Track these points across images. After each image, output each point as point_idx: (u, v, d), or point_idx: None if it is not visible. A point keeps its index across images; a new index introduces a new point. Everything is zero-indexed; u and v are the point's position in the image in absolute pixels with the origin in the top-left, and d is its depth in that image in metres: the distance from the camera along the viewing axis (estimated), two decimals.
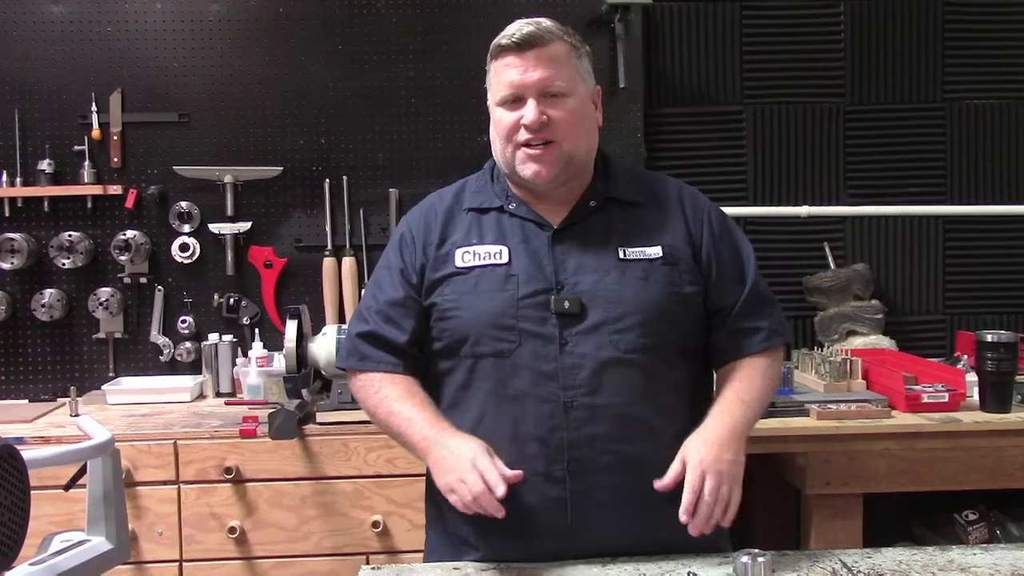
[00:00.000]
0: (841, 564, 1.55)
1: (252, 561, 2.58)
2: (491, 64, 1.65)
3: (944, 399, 2.55)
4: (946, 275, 3.35)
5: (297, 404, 2.63)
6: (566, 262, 1.62)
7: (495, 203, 1.70)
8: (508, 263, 1.63)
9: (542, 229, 1.65)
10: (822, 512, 2.50)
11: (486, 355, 1.61)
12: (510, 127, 1.62)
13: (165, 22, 3.14)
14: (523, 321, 1.59)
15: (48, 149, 3.11)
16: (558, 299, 1.59)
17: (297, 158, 3.18)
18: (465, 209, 1.71)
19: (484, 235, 1.67)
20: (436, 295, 1.65)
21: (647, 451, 1.58)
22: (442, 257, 1.67)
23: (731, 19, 3.28)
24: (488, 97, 1.69)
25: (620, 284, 1.60)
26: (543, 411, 1.58)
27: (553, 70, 1.60)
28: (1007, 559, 1.56)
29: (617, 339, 1.58)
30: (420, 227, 1.72)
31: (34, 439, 2.53)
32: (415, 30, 3.19)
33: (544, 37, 1.60)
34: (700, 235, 1.68)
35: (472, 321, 1.61)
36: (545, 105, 1.59)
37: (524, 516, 1.58)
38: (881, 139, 3.32)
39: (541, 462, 1.58)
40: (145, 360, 3.17)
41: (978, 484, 2.57)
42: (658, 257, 1.63)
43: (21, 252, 3.06)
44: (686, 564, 1.54)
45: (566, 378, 1.57)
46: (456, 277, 1.64)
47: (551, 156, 1.61)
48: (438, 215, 1.72)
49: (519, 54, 1.60)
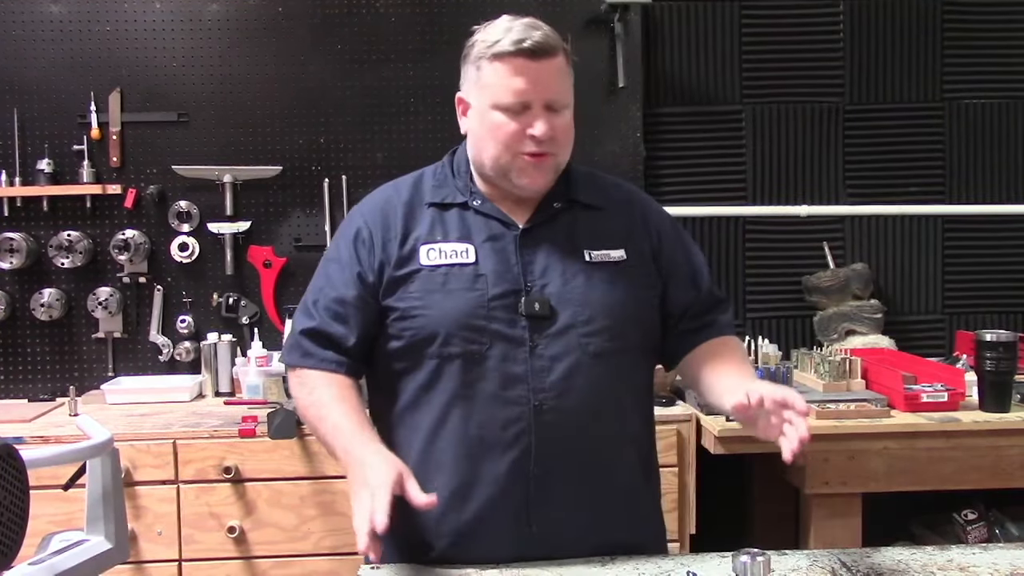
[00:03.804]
0: (840, 564, 1.55)
1: (251, 561, 2.58)
2: (486, 63, 1.59)
3: (943, 399, 2.55)
4: (945, 275, 3.35)
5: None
6: (533, 263, 1.60)
7: (458, 199, 1.65)
8: (475, 262, 1.59)
9: (508, 228, 1.62)
10: (821, 511, 2.50)
11: (455, 356, 1.56)
12: (512, 135, 1.57)
13: (164, 22, 3.14)
14: (493, 322, 1.56)
15: (47, 149, 3.11)
16: (528, 300, 1.57)
17: (296, 157, 3.18)
18: (426, 203, 1.65)
19: (448, 232, 1.62)
20: (399, 293, 1.60)
21: (609, 454, 1.60)
22: (405, 254, 1.61)
23: (730, 19, 3.28)
24: (472, 93, 1.63)
25: (587, 286, 1.60)
26: (511, 414, 1.55)
27: (560, 83, 1.59)
28: (1006, 558, 1.56)
29: (587, 342, 1.57)
30: (377, 222, 1.65)
31: (33, 439, 2.53)
32: (415, 30, 3.19)
33: (555, 47, 1.58)
34: (656, 239, 1.69)
35: (441, 321, 1.57)
36: (549, 116, 1.58)
37: (484, 517, 1.57)
38: (880, 139, 3.32)
39: (504, 465, 1.55)
40: (144, 360, 3.17)
41: (977, 483, 2.57)
42: (622, 260, 1.64)
43: (20, 252, 3.05)
44: (685, 564, 1.54)
45: (536, 381, 1.55)
46: (421, 274, 1.60)
47: (548, 166, 1.61)
48: (397, 209, 1.65)
49: (531, 62, 1.56)
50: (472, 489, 1.57)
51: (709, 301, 1.72)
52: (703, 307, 1.71)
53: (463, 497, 1.57)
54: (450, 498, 1.57)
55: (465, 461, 1.56)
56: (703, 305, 1.71)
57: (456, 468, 1.58)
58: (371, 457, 1.49)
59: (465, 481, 1.57)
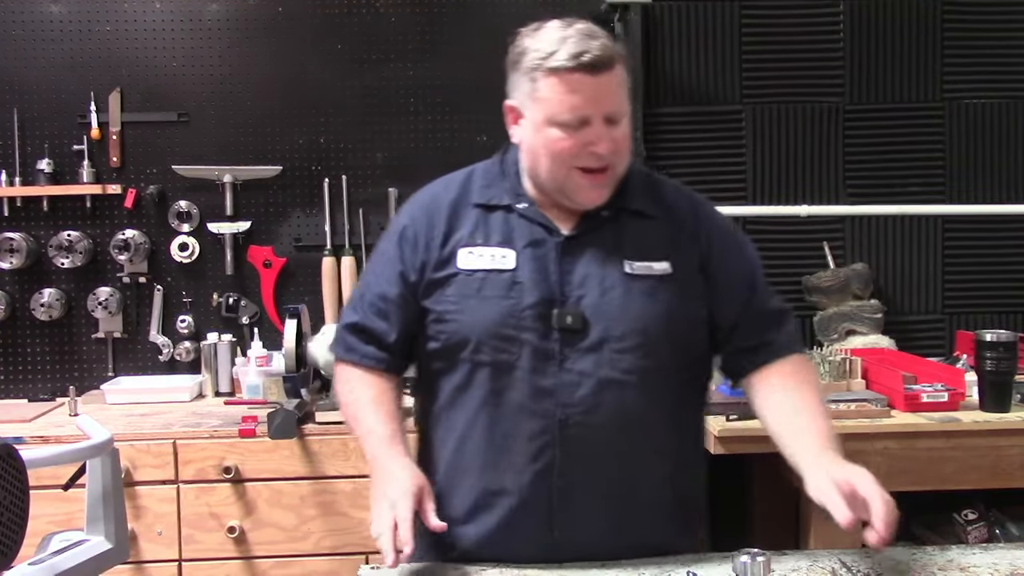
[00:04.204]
0: (841, 564, 1.55)
1: (251, 561, 2.58)
2: (542, 76, 1.51)
3: (943, 399, 2.55)
4: (945, 274, 3.35)
5: (296, 404, 2.63)
6: (572, 273, 1.56)
7: (504, 200, 1.62)
8: (514, 269, 1.56)
9: (551, 235, 1.59)
10: (822, 512, 2.49)
11: (485, 364, 1.56)
12: (570, 151, 1.52)
13: (164, 22, 3.14)
14: (525, 332, 1.54)
15: (47, 149, 3.11)
16: (560, 313, 1.54)
17: (296, 157, 3.18)
18: (472, 204, 1.63)
19: (490, 235, 1.60)
20: (436, 296, 1.60)
21: (635, 469, 1.57)
22: (445, 256, 1.61)
23: (730, 19, 3.28)
24: (526, 105, 1.55)
25: (624, 300, 1.55)
26: (537, 427, 1.54)
27: (618, 96, 1.53)
28: (1006, 559, 1.56)
29: (618, 359, 1.54)
30: (423, 221, 1.64)
31: (33, 439, 2.53)
32: (415, 30, 3.19)
33: (613, 59, 1.51)
34: (707, 247, 1.62)
35: (473, 328, 1.57)
36: (608, 130, 1.52)
37: (508, 523, 1.57)
38: (880, 139, 3.32)
39: (528, 475, 1.55)
40: (144, 360, 3.17)
41: (977, 483, 2.57)
42: (666, 274, 1.58)
43: (20, 252, 3.06)
44: (685, 564, 1.54)
45: (563, 395, 1.53)
46: (458, 279, 1.59)
47: (607, 181, 1.57)
48: (442, 209, 1.63)
49: (590, 77, 1.49)
50: (496, 497, 1.57)
51: (763, 315, 1.64)
52: (757, 322, 1.63)
53: (487, 504, 1.58)
54: (475, 503, 1.58)
55: (491, 469, 1.56)
56: (756, 320, 1.63)
57: (481, 474, 1.58)
58: (396, 469, 1.52)
59: (489, 488, 1.58)
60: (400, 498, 1.45)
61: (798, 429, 1.55)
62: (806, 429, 1.54)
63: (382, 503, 1.47)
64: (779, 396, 1.60)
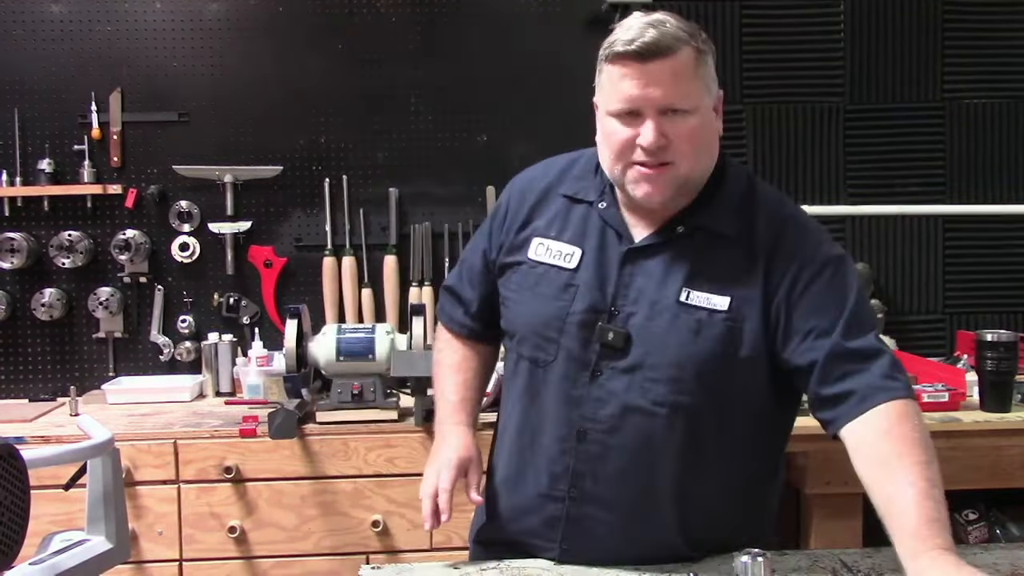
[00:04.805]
0: (841, 564, 1.55)
1: (252, 561, 2.58)
2: (604, 65, 1.47)
3: (944, 399, 2.55)
4: (946, 274, 3.35)
5: (297, 404, 2.63)
6: (630, 287, 1.50)
7: (590, 196, 1.58)
8: (575, 270, 1.53)
9: (620, 242, 1.53)
10: (822, 511, 2.50)
11: (525, 357, 1.59)
12: (623, 144, 1.45)
13: (164, 22, 3.14)
14: (565, 337, 1.52)
15: (48, 148, 3.11)
16: (603, 328, 1.48)
17: (297, 157, 3.18)
18: (561, 193, 1.60)
19: (564, 230, 1.57)
20: (504, 279, 1.64)
21: (647, 506, 1.52)
22: (519, 242, 1.61)
23: (731, 19, 3.28)
24: (596, 96, 1.52)
25: (669, 330, 1.47)
26: (559, 432, 1.54)
27: (676, 86, 1.42)
28: (1007, 559, 1.56)
29: (648, 387, 1.47)
30: (516, 202, 1.65)
31: (34, 438, 2.52)
32: (415, 30, 3.19)
33: (670, 46, 1.41)
34: (784, 284, 1.46)
35: (521, 320, 1.59)
36: (665, 122, 1.43)
37: (520, 525, 1.60)
38: (881, 138, 3.32)
39: (545, 477, 1.56)
40: (145, 360, 3.17)
41: (978, 484, 2.57)
42: (722, 310, 1.46)
43: (21, 252, 3.06)
44: (686, 564, 1.54)
45: (589, 409, 1.51)
46: (523, 268, 1.60)
47: (666, 178, 1.45)
48: (534, 193, 1.62)
49: (640, 64, 1.41)
50: (517, 486, 1.61)
51: (847, 356, 1.43)
52: (840, 364, 1.43)
53: (510, 488, 1.63)
54: (501, 484, 1.65)
55: (517, 457, 1.61)
56: (839, 362, 1.43)
57: (509, 460, 1.63)
58: (451, 437, 1.62)
59: (512, 475, 1.62)
60: (444, 468, 1.56)
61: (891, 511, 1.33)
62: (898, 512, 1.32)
63: (431, 468, 1.58)
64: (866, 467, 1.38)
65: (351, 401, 2.59)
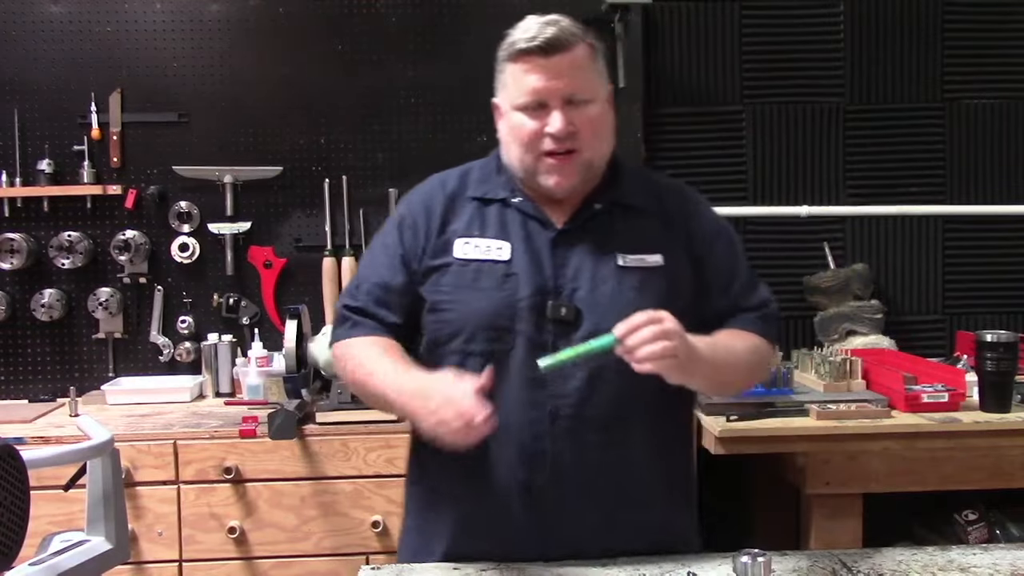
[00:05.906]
0: (841, 564, 1.55)
1: (252, 561, 2.58)
2: (506, 64, 1.59)
3: (944, 399, 2.55)
4: (945, 275, 3.35)
5: (297, 404, 2.63)
6: (566, 265, 1.58)
7: (500, 194, 1.65)
8: (509, 261, 1.59)
9: (545, 228, 1.61)
10: (822, 512, 2.50)
11: (476, 354, 1.57)
12: (531, 135, 1.56)
13: (165, 22, 3.14)
14: (519, 323, 1.56)
15: (47, 149, 3.11)
16: (554, 305, 1.55)
17: (297, 158, 3.18)
18: (469, 197, 1.66)
19: (486, 228, 1.62)
20: (431, 284, 1.61)
21: (626, 464, 1.57)
22: (440, 245, 1.62)
23: (731, 19, 3.28)
24: (499, 96, 1.63)
25: (616, 293, 1.57)
26: (528, 417, 1.55)
27: (577, 77, 1.56)
28: (1007, 559, 1.56)
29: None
30: (421, 212, 1.66)
31: (34, 439, 2.53)
32: (415, 30, 3.19)
33: (569, 41, 1.55)
34: (702, 245, 1.65)
35: (467, 317, 1.58)
36: (568, 112, 1.55)
37: (496, 516, 1.57)
38: (881, 139, 3.32)
39: (519, 469, 1.55)
40: (145, 360, 3.17)
41: (978, 484, 2.57)
42: (658, 266, 1.60)
43: (21, 252, 3.06)
44: (686, 564, 1.54)
45: (556, 386, 1.54)
46: (452, 268, 1.60)
47: (572, 166, 1.57)
48: (440, 201, 1.66)
49: (543, 59, 1.54)
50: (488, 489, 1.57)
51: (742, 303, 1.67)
52: (734, 309, 1.67)
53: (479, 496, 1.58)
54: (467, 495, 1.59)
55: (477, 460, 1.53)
56: (735, 307, 1.67)
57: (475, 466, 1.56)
58: (434, 380, 1.47)
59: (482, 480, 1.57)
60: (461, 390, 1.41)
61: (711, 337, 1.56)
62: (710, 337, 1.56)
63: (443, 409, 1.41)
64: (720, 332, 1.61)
65: (351, 402, 2.59)
